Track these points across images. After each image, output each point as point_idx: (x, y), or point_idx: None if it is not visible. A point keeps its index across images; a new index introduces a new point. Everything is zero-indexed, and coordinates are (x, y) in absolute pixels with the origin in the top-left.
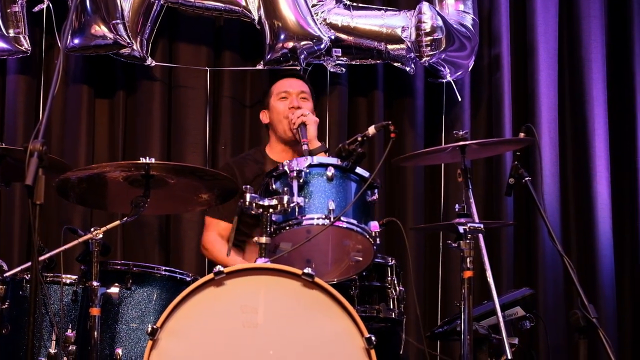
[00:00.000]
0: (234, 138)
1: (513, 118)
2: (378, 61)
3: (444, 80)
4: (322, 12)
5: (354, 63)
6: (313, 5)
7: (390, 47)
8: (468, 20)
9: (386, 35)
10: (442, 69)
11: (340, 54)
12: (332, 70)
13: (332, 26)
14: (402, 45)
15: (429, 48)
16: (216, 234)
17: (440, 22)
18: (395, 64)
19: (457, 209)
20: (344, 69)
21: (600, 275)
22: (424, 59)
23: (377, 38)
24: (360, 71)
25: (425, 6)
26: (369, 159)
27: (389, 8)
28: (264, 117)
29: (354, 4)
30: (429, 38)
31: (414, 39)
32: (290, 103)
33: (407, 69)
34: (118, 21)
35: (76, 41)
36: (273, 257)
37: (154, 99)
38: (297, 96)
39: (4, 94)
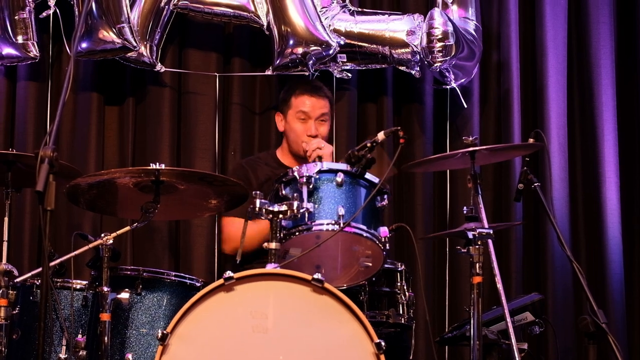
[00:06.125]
0: (244, 144)
1: (522, 124)
2: (383, 65)
3: (448, 87)
4: (326, 18)
5: (359, 68)
6: None
7: (394, 51)
8: (471, 27)
9: (390, 40)
10: (448, 75)
11: (345, 60)
12: (338, 76)
13: (337, 32)
14: (407, 49)
15: (440, 54)
16: (234, 229)
17: (451, 28)
18: (401, 68)
19: (465, 211)
20: (350, 75)
21: (610, 281)
22: (435, 65)
23: (382, 43)
24: (370, 77)
25: (437, 12)
26: (378, 165)
27: (392, 12)
28: (280, 123)
29: (358, 9)
30: (440, 44)
31: (425, 44)
32: (308, 129)
33: (413, 72)
34: (123, 25)
35: (83, 45)
36: (283, 263)
37: (164, 105)
38: (317, 120)
39: (14, 101)
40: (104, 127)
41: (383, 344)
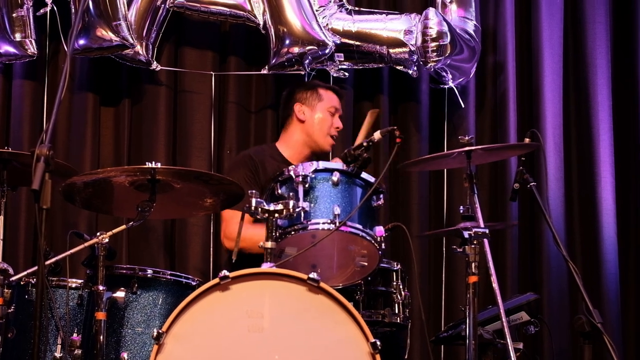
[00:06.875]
0: (239, 143)
1: (518, 123)
2: (381, 65)
3: (446, 87)
4: (324, 17)
5: (356, 67)
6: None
7: (392, 50)
8: (470, 27)
9: (388, 39)
10: (445, 74)
11: (342, 59)
12: (335, 75)
13: (334, 31)
14: (404, 49)
15: (434, 54)
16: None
17: (446, 28)
18: (398, 67)
19: (461, 211)
20: (346, 74)
21: (605, 280)
22: (429, 65)
23: (379, 42)
24: (366, 75)
25: (431, 12)
26: (374, 164)
27: (390, 12)
28: (301, 112)
29: (356, 8)
30: (435, 44)
31: (420, 44)
32: (336, 122)
33: (410, 71)
34: (119, 22)
35: (80, 42)
36: (278, 262)
37: (160, 103)
38: (339, 117)
39: (10, 99)
40: (100, 125)
41: (379, 343)
